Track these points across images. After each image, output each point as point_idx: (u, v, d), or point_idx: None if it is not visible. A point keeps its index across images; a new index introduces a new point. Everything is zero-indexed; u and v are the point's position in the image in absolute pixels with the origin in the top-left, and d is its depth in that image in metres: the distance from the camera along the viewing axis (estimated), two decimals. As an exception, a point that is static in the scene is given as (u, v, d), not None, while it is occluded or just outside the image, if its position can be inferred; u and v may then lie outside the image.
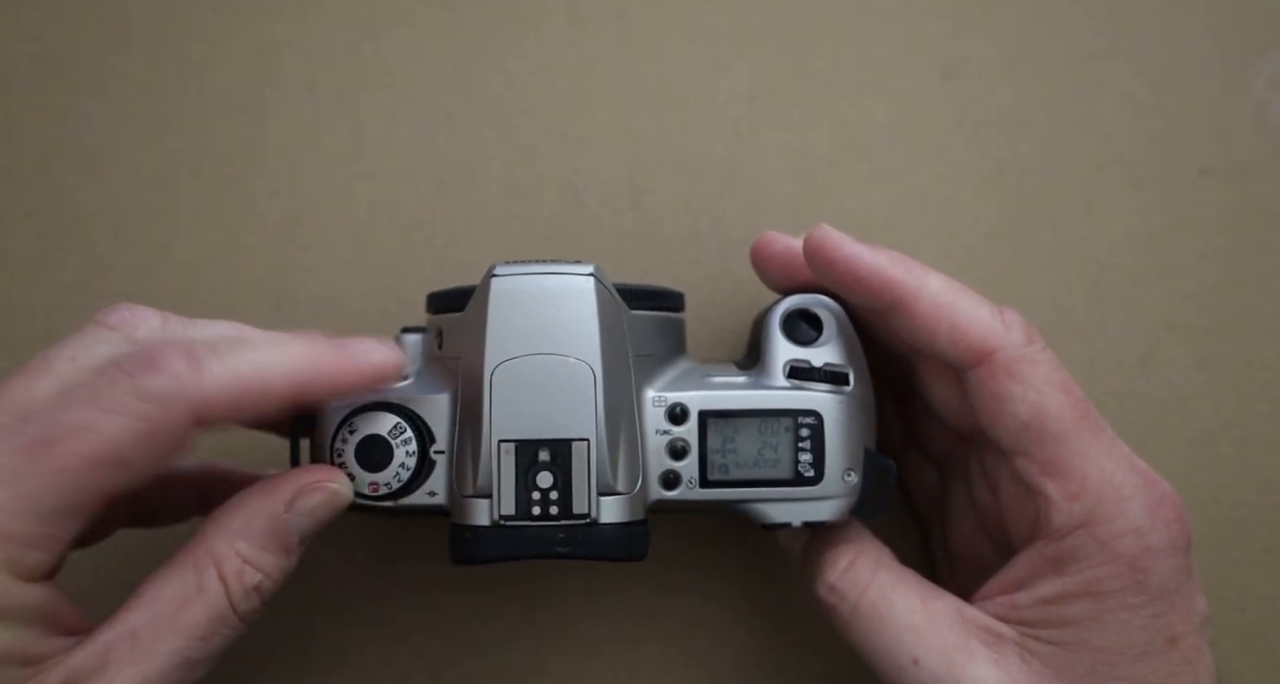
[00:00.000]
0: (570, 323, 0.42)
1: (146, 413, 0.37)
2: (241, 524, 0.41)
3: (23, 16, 0.56)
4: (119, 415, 0.37)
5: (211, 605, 0.40)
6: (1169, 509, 0.43)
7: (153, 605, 0.39)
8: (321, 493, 0.42)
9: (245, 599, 0.40)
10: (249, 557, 0.41)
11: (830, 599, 0.46)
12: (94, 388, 0.37)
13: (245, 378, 0.39)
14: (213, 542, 0.41)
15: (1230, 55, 0.55)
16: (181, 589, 0.40)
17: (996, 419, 0.44)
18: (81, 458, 0.37)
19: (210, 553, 0.40)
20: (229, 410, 0.39)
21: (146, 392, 0.37)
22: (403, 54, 0.56)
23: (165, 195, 0.56)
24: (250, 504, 0.42)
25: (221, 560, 0.40)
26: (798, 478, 0.45)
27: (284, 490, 0.42)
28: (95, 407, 0.37)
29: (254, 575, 0.41)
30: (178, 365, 0.38)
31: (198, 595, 0.40)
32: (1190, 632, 0.43)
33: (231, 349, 0.39)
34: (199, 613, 0.39)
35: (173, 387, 0.37)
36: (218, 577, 0.40)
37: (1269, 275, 0.55)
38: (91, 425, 0.37)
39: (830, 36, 0.56)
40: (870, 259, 0.44)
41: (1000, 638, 0.44)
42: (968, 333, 0.43)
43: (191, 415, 0.38)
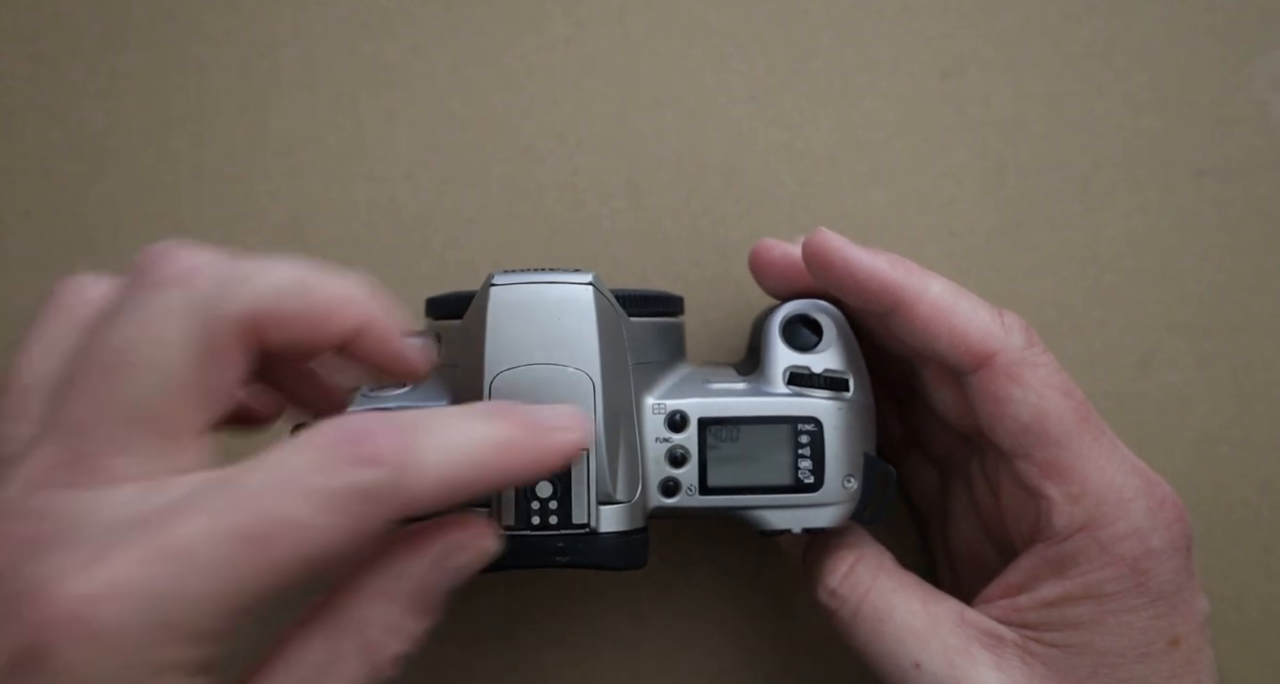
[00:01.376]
0: (569, 333, 0.42)
1: (362, 515, 0.33)
2: (385, 586, 0.36)
3: (22, 16, 0.56)
4: (336, 515, 0.32)
5: (351, 678, 0.35)
6: (1170, 511, 0.43)
7: (294, 673, 0.35)
8: (470, 550, 0.38)
9: (391, 666, 0.36)
10: (394, 624, 0.36)
11: (831, 604, 0.46)
12: (307, 469, 0.32)
13: (456, 475, 0.34)
14: (353, 606, 0.36)
15: (1230, 55, 0.55)
16: (322, 657, 0.35)
17: (998, 422, 0.44)
18: (292, 558, 0.32)
19: (351, 620, 0.36)
20: (439, 503, 0.34)
21: (364, 491, 0.32)
22: (403, 54, 0.56)
23: (165, 195, 0.56)
24: (396, 564, 0.37)
25: (365, 627, 0.36)
26: (797, 484, 0.45)
27: (433, 549, 0.37)
28: (312, 501, 0.32)
29: (399, 644, 0.36)
30: (396, 460, 0.33)
31: (337, 666, 0.35)
32: (1192, 632, 0.43)
33: (439, 428, 0.35)
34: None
35: (389, 486, 0.33)
36: (358, 648, 0.36)
37: (1269, 275, 0.55)
38: (308, 524, 0.32)
39: (830, 36, 0.56)
40: (869, 262, 0.44)
41: (1002, 641, 0.44)
42: (968, 336, 0.43)
43: (400, 514, 0.33)
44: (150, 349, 0.33)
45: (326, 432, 0.33)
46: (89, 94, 0.56)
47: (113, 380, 0.33)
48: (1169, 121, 0.55)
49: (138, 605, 0.30)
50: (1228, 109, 0.55)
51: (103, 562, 0.30)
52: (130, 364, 0.33)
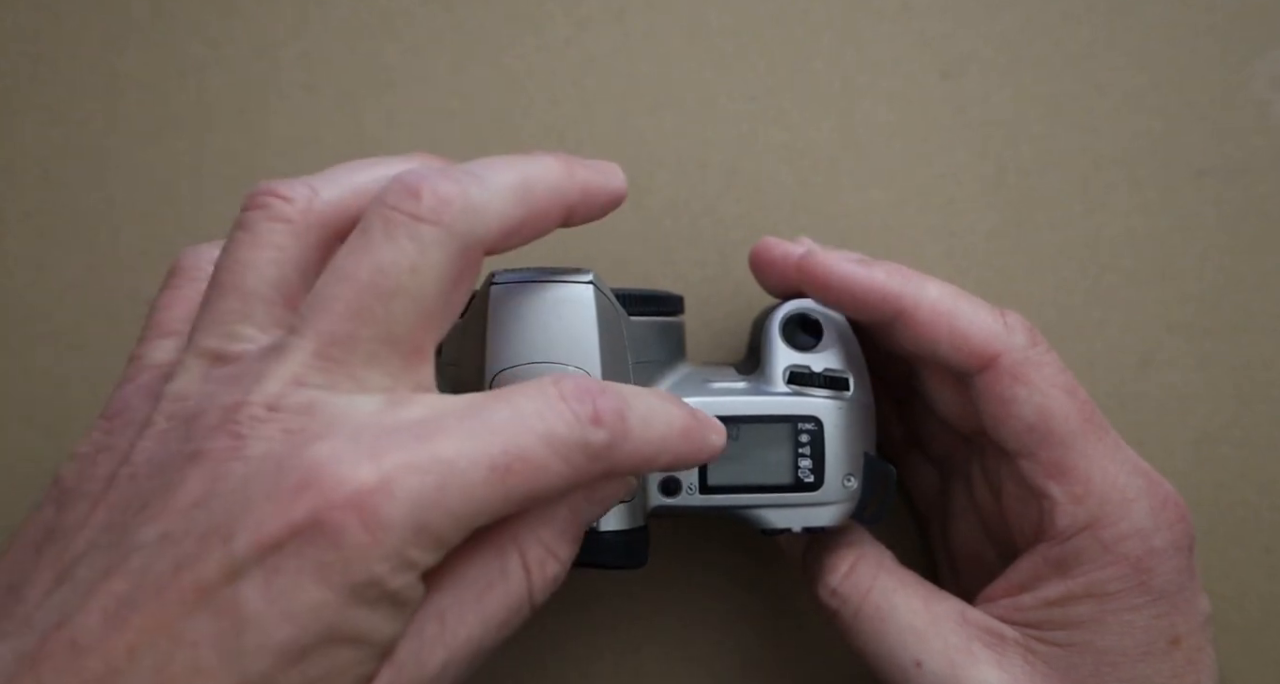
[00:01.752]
0: (569, 332, 0.42)
1: (582, 468, 0.36)
2: (547, 511, 0.39)
3: (22, 16, 0.56)
4: (565, 463, 0.35)
5: (512, 593, 0.38)
6: (1172, 511, 0.43)
7: (457, 585, 0.37)
8: (618, 485, 0.41)
9: (543, 589, 0.39)
10: (551, 545, 0.39)
11: (832, 603, 0.46)
12: (543, 416, 0.35)
13: (651, 448, 0.38)
14: (516, 526, 0.38)
15: (1230, 55, 0.55)
16: (485, 572, 0.38)
17: (1002, 423, 0.44)
18: (525, 493, 0.35)
19: (514, 538, 0.38)
20: (625, 473, 0.39)
21: (590, 447, 0.36)
22: (403, 54, 0.56)
23: (165, 195, 0.56)
24: None
25: (526, 548, 0.38)
26: (798, 483, 0.45)
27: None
28: (548, 445, 0.35)
29: (554, 565, 0.39)
30: (617, 425, 0.36)
31: (500, 581, 0.38)
32: (1192, 631, 0.43)
33: (638, 402, 0.38)
34: (500, 600, 0.38)
35: (609, 447, 0.36)
36: (521, 564, 0.38)
37: (1269, 275, 0.55)
38: (544, 465, 0.35)
39: (830, 36, 0.56)
40: (865, 276, 0.44)
41: (1003, 639, 0.44)
42: (970, 338, 0.43)
43: (604, 475, 0.37)
44: (410, 279, 0.35)
45: (557, 383, 0.36)
46: (89, 94, 0.56)
47: (374, 303, 0.35)
48: (1169, 121, 0.55)
49: (409, 505, 0.33)
50: (1228, 109, 0.55)
51: (380, 458, 0.33)
52: (391, 291, 0.35)
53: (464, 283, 0.37)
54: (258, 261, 0.38)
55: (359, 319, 0.35)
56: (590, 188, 0.40)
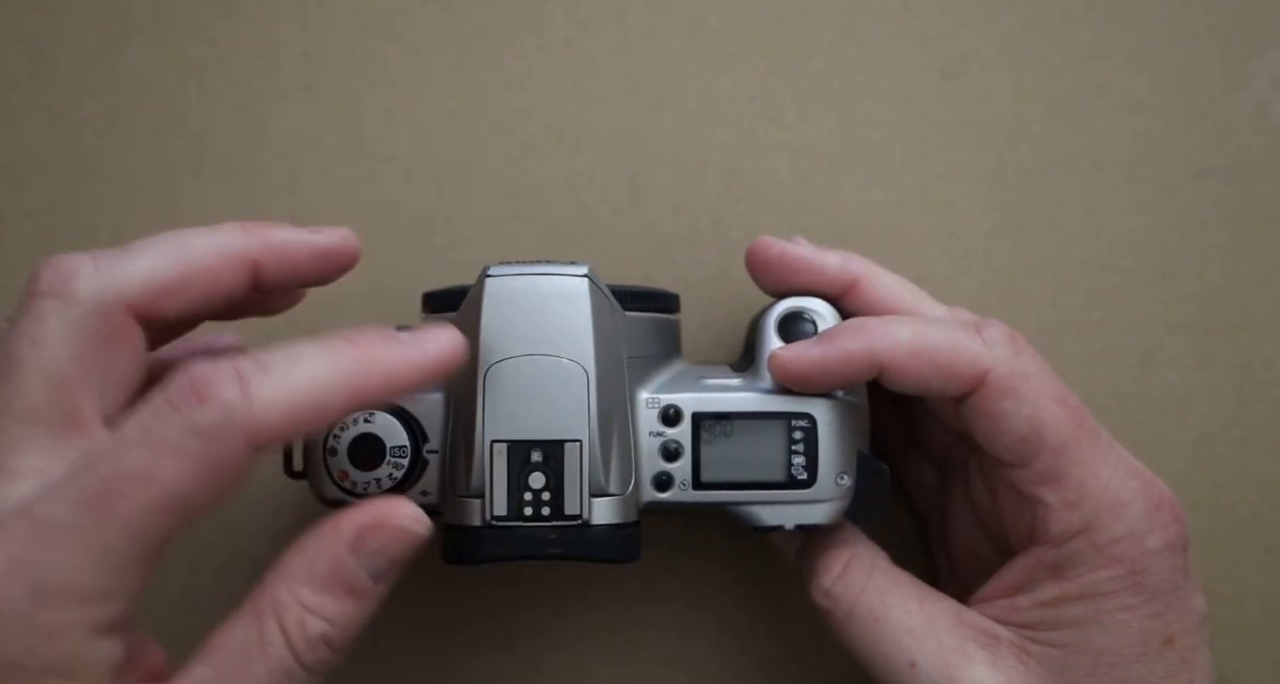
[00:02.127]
0: (564, 324, 0.42)
1: (202, 451, 0.34)
2: (302, 568, 0.38)
3: (23, 16, 0.56)
4: (174, 457, 0.34)
5: (274, 659, 0.37)
6: (1167, 511, 0.43)
7: (219, 658, 0.37)
8: (387, 530, 0.38)
9: (310, 650, 0.37)
10: (310, 604, 0.37)
11: (825, 604, 0.46)
12: (144, 427, 0.35)
13: (299, 396, 0.36)
14: (274, 590, 0.37)
15: (1230, 55, 0.55)
16: (245, 641, 0.37)
17: (994, 437, 0.44)
18: (145, 507, 0.34)
19: (271, 602, 0.37)
20: (287, 432, 0.36)
21: (198, 427, 0.34)
22: (403, 54, 0.56)
23: (165, 195, 0.56)
24: (311, 546, 0.38)
25: (282, 609, 0.37)
26: (791, 481, 0.45)
27: (345, 529, 0.38)
28: (149, 449, 0.34)
29: (318, 625, 0.37)
30: (227, 393, 0.35)
31: (260, 649, 0.37)
32: (1187, 631, 0.43)
33: (282, 364, 0.36)
34: (261, 668, 0.37)
35: (224, 419, 0.35)
36: (279, 628, 0.37)
37: (1269, 275, 0.55)
38: (149, 471, 0.34)
39: (830, 36, 0.56)
40: (835, 353, 0.44)
41: (998, 640, 0.44)
42: (955, 368, 0.43)
43: (248, 445, 0.35)
44: (32, 353, 0.36)
45: (164, 385, 0.35)
46: (89, 94, 0.56)
47: (2, 385, 0.36)
48: (1169, 121, 0.55)
49: (19, 579, 0.33)
50: (1228, 109, 0.55)
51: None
52: (15, 369, 0.36)
53: (113, 344, 0.37)
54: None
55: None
56: (275, 241, 0.41)
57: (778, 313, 0.46)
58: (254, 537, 0.50)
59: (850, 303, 0.47)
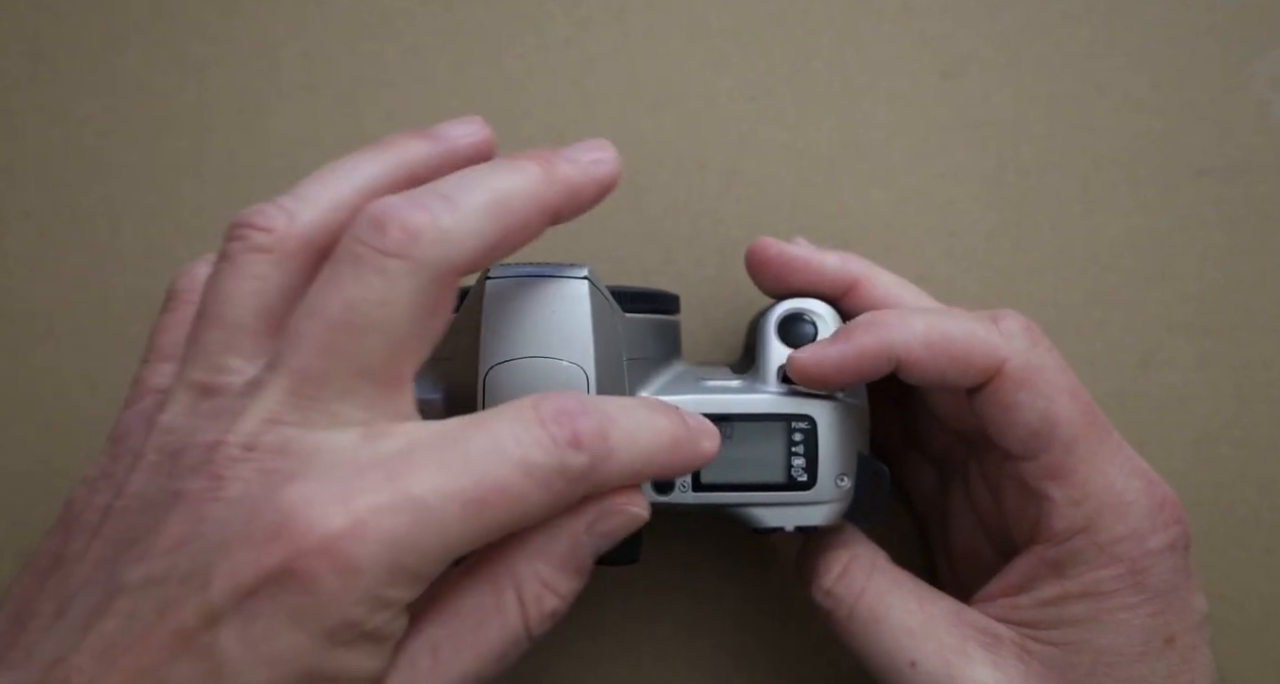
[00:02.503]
0: (564, 326, 0.42)
1: (562, 493, 0.36)
2: (543, 544, 0.38)
3: (23, 16, 0.56)
4: (543, 490, 0.35)
5: (508, 627, 0.38)
6: (1169, 512, 0.43)
7: (453, 619, 0.38)
8: (621, 516, 0.39)
9: (540, 624, 0.39)
10: (548, 580, 0.39)
11: (826, 604, 0.46)
12: (520, 442, 0.35)
13: (636, 463, 0.38)
14: (513, 561, 0.38)
15: (1230, 55, 0.55)
16: (479, 606, 0.38)
17: (1006, 428, 0.43)
18: (503, 524, 0.35)
19: (510, 572, 0.38)
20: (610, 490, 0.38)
21: (569, 471, 0.36)
22: (403, 54, 0.57)
23: (165, 195, 0.56)
24: (555, 524, 0.39)
25: (522, 582, 0.38)
26: (790, 482, 0.45)
27: (587, 512, 0.39)
28: (525, 474, 0.35)
29: (552, 600, 0.39)
30: (597, 446, 0.36)
31: (495, 616, 0.38)
32: (1187, 630, 0.43)
33: (623, 417, 0.38)
34: (495, 634, 0.38)
35: (590, 470, 0.36)
36: (517, 599, 0.38)
37: (1269, 275, 0.55)
38: (521, 495, 0.35)
39: (830, 36, 0.56)
40: (852, 350, 0.44)
41: (998, 639, 0.44)
42: (971, 360, 0.43)
43: (586, 495, 0.38)
44: (380, 312, 0.36)
45: (536, 406, 0.36)
46: (89, 94, 0.56)
47: (345, 338, 0.36)
48: (1169, 121, 0.55)
49: (380, 547, 0.33)
50: (1228, 109, 0.55)
51: (351, 501, 0.33)
52: (361, 325, 0.35)
53: (440, 308, 0.37)
54: (239, 293, 0.38)
55: (331, 355, 0.35)
56: (574, 185, 0.40)
57: (778, 314, 0.46)
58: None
59: (850, 303, 0.47)
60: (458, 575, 0.38)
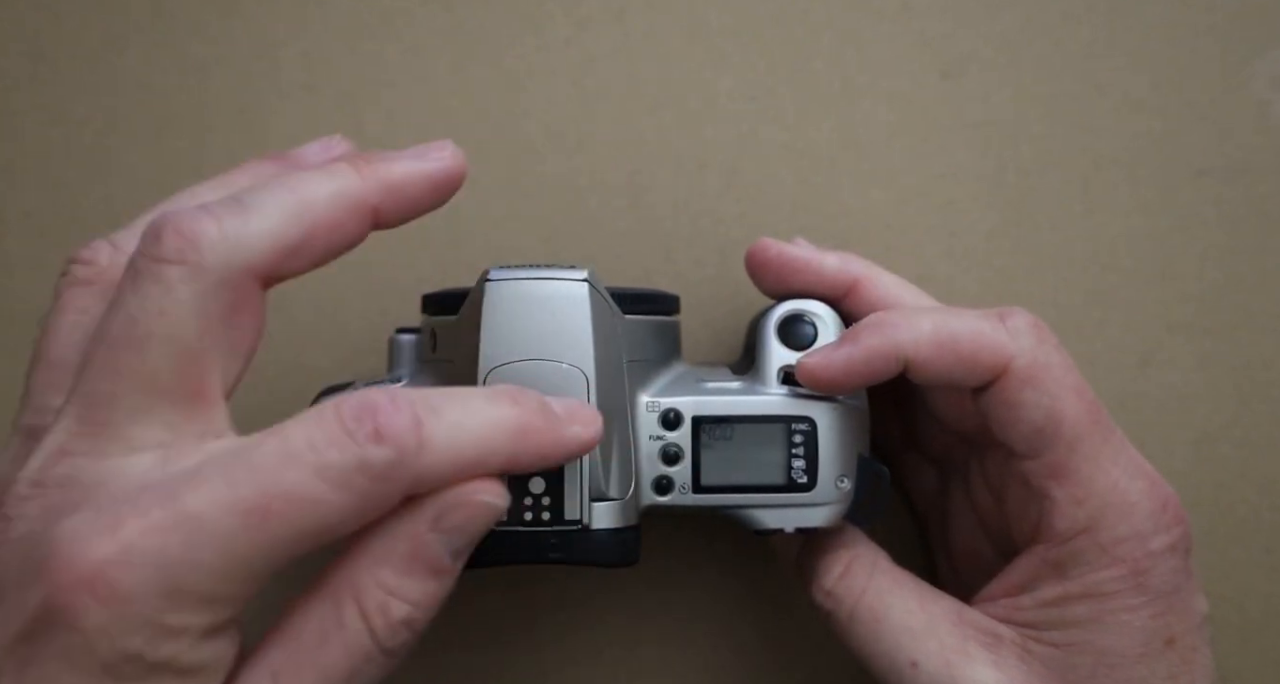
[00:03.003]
0: (564, 328, 0.42)
1: (367, 490, 0.33)
2: (382, 549, 0.36)
3: (23, 16, 0.56)
4: (341, 490, 0.33)
5: (352, 644, 0.35)
6: (1172, 513, 0.43)
7: (293, 642, 0.35)
8: (470, 507, 0.36)
9: (392, 635, 0.35)
10: (392, 586, 0.36)
11: (827, 604, 0.46)
12: (314, 447, 0.33)
13: (466, 453, 0.35)
14: (351, 572, 0.36)
15: (1230, 55, 0.55)
16: (320, 625, 0.35)
17: (1010, 426, 0.43)
18: (299, 530, 0.33)
19: (349, 583, 0.36)
20: (438, 485, 0.35)
21: (371, 467, 0.33)
22: (403, 54, 0.56)
23: (165, 195, 0.56)
24: (390, 527, 0.36)
25: (362, 592, 0.35)
26: (791, 484, 0.45)
27: (426, 508, 0.36)
28: (318, 476, 0.33)
29: (401, 608, 0.36)
30: (405, 438, 0.34)
31: (337, 631, 0.35)
32: (1188, 631, 0.43)
33: (455, 412, 0.35)
34: (339, 652, 0.35)
35: (396, 464, 0.34)
36: (359, 612, 0.35)
37: (1269, 275, 0.55)
38: (313, 498, 0.33)
39: (830, 36, 0.56)
40: (860, 353, 0.43)
41: (999, 640, 0.44)
42: (979, 359, 0.43)
43: (409, 491, 0.35)
44: (159, 322, 0.34)
45: (338, 406, 0.34)
46: (89, 94, 0.56)
47: (125, 354, 0.34)
48: (1169, 121, 0.55)
49: (151, 571, 0.31)
50: (1228, 109, 0.55)
51: (118, 528, 0.31)
52: (141, 338, 0.34)
53: (238, 316, 0.36)
54: (61, 329, 0.38)
55: (114, 374, 0.34)
56: (392, 182, 0.39)
57: (778, 315, 0.46)
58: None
59: (850, 304, 0.47)
60: (300, 596, 0.36)
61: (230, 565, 0.32)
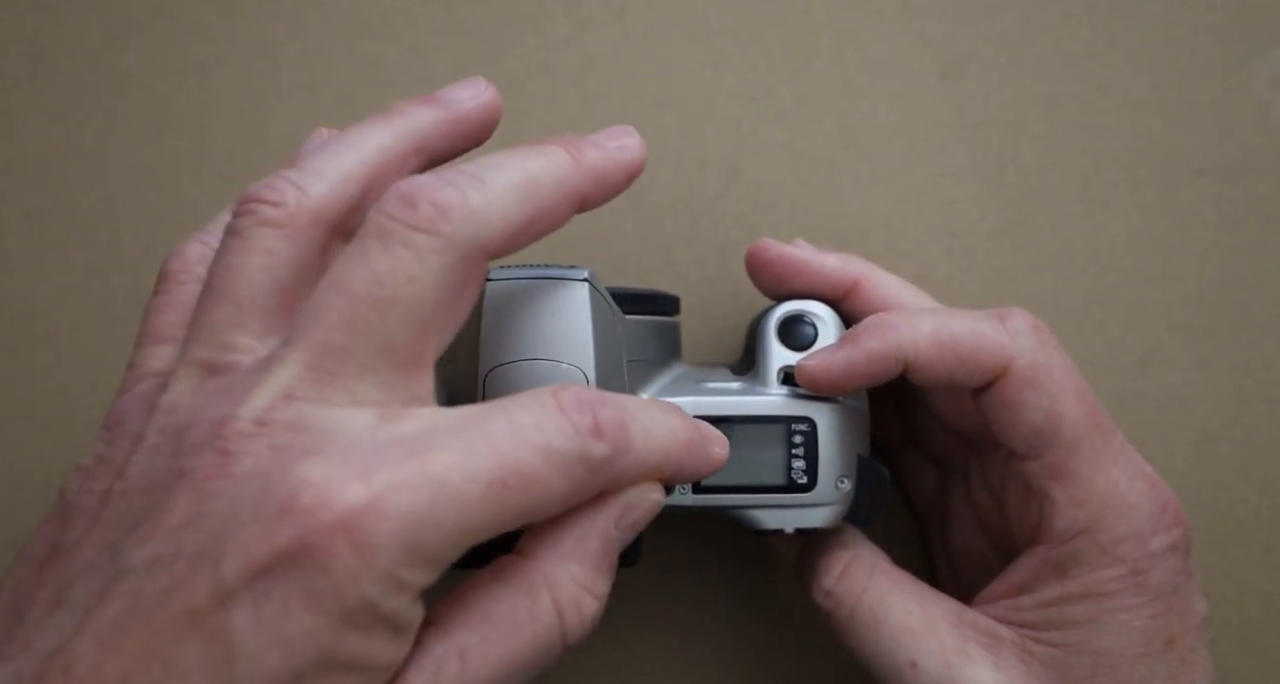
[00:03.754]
0: (563, 328, 0.42)
1: (583, 483, 0.35)
2: (574, 545, 0.37)
3: (23, 16, 0.56)
4: (563, 477, 0.34)
5: (542, 635, 0.36)
6: (1171, 514, 0.43)
7: (483, 624, 0.36)
8: (645, 506, 0.38)
9: (577, 630, 0.37)
10: (585, 582, 0.37)
11: (827, 605, 0.46)
12: (541, 428, 0.34)
13: (653, 459, 0.37)
14: (547, 564, 0.37)
15: (1230, 55, 0.55)
16: (513, 612, 0.36)
17: (1010, 427, 0.43)
18: (522, 509, 0.34)
19: (544, 576, 0.37)
20: (628, 486, 0.38)
21: (590, 460, 0.35)
22: (403, 54, 0.56)
23: (165, 195, 0.56)
24: (583, 523, 0.37)
25: (557, 587, 0.37)
26: (790, 484, 0.45)
27: (613, 506, 0.38)
28: (545, 459, 0.34)
29: (591, 604, 0.37)
30: (619, 438, 0.36)
31: (529, 623, 0.36)
32: (1188, 632, 0.43)
33: (641, 414, 0.37)
34: (528, 642, 0.36)
35: (610, 461, 0.36)
36: (553, 604, 0.37)
37: (1269, 275, 0.55)
38: (541, 480, 0.34)
39: (830, 36, 0.56)
40: (861, 355, 0.43)
41: (999, 640, 0.44)
42: (979, 359, 0.43)
43: (604, 489, 0.37)
44: (406, 289, 0.34)
45: (556, 394, 0.35)
46: (89, 94, 0.56)
47: (369, 313, 0.34)
48: (1169, 121, 0.55)
49: (400, 524, 0.32)
50: (1228, 109, 0.55)
51: (370, 477, 0.32)
52: (387, 301, 0.34)
53: (467, 290, 0.36)
54: (249, 268, 0.37)
55: (353, 330, 0.34)
56: (600, 171, 0.40)
57: (778, 316, 0.46)
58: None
59: (850, 305, 0.47)
60: (486, 579, 0.37)
61: (463, 531, 0.33)
